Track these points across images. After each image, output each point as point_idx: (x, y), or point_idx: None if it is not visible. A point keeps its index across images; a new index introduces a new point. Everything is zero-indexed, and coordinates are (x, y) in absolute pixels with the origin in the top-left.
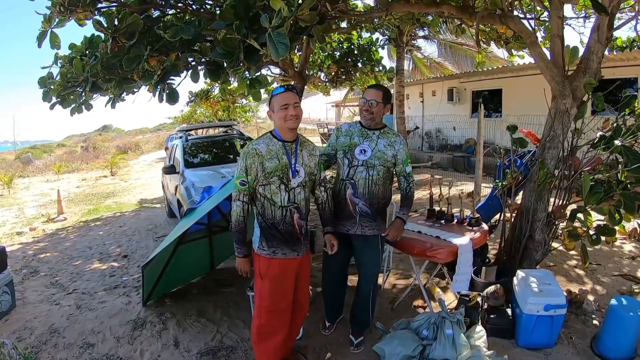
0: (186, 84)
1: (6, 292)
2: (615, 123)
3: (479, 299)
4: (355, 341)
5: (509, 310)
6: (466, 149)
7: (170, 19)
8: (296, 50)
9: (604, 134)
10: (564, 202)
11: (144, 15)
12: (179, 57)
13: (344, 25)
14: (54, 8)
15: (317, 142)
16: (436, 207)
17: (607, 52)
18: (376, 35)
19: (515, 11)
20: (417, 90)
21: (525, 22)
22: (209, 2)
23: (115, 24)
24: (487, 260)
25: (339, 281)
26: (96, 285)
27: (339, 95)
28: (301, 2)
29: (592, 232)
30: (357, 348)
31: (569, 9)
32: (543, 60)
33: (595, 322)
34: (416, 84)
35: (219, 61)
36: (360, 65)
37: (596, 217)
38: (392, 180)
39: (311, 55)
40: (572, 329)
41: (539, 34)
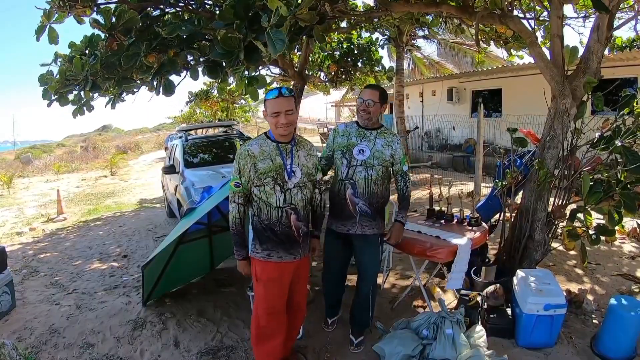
0: (186, 84)
1: (6, 292)
2: (615, 123)
3: (478, 298)
4: (355, 341)
5: (509, 310)
6: (466, 148)
7: (170, 18)
8: (296, 50)
9: (602, 134)
10: (564, 201)
11: (143, 13)
12: (177, 54)
13: (343, 25)
14: (54, 3)
15: (317, 142)
16: (436, 207)
17: (607, 52)
18: (376, 35)
19: (514, 11)
20: (417, 90)
21: (524, 21)
22: (209, 1)
23: (113, 21)
24: (487, 259)
25: (339, 280)
26: (96, 285)
27: (339, 95)
28: (300, 1)
29: (591, 232)
30: (357, 348)
31: (568, 9)
32: (543, 60)
33: (595, 322)
34: (416, 83)
35: (218, 60)
36: (360, 65)
37: (596, 217)
38: (390, 180)
39: (311, 55)
40: (571, 328)
41: (538, 33)
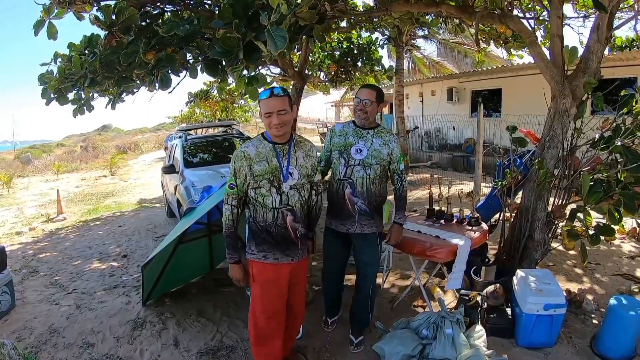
0: (186, 84)
1: (6, 292)
2: (614, 123)
3: (478, 298)
4: (355, 341)
5: (509, 310)
6: (465, 148)
7: (169, 17)
8: (296, 50)
9: (602, 133)
10: (564, 201)
11: (142, 11)
12: (176, 52)
13: (343, 24)
14: None
15: (317, 141)
16: (436, 207)
17: (606, 52)
18: (376, 34)
19: (514, 10)
20: (417, 90)
21: (524, 21)
22: (208, 1)
23: (113, 19)
24: (486, 259)
25: (338, 280)
26: (96, 285)
27: (339, 94)
28: (300, 0)
29: (591, 232)
30: (357, 347)
31: (568, 9)
32: (543, 60)
33: (594, 322)
34: (416, 83)
35: (217, 58)
36: (359, 64)
37: (595, 217)
38: (387, 178)
39: (311, 54)
40: (571, 328)
41: (538, 33)
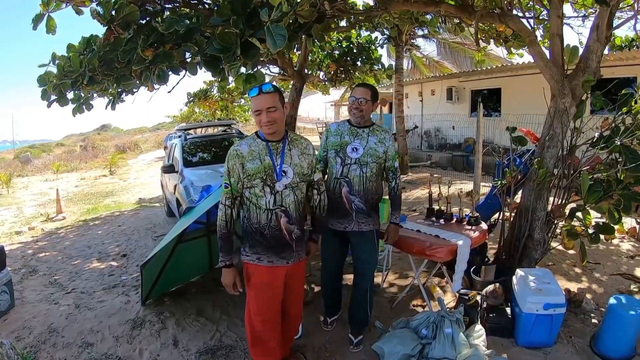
0: (185, 84)
1: (5, 292)
2: (614, 122)
3: (478, 297)
4: (355, 340)
5: (508, 309)
6: (465, 148)
7: (168, 15)
8: (295, 50)
9: (602, 133)
10: (563, 201)
11: (142, 9)
12: (174, 48)
13: (343, 24)
14: None
15: (316, 141)
16: (435, 206)
17: (606, 51)
18: (375, 34)
19: (514, 10)
20: (416, 90)
21: (524, 21)
22: (207, 0)
23: (112, 14)
24: (486, 259)
25: (337, 279)
26: (95, 285)
27: (338, 94)
28: None
29: (591, 231)
30: (356, 347)
31: (567, 8)
32: (542, 60)
33: (594, 321)
34: (415, 83)
35: (216, 54)
36: (359, 64)
37: (595, 216)
38: (382, 176)
39: (310, 54)
40: (571, 327)
41: (537, 32)
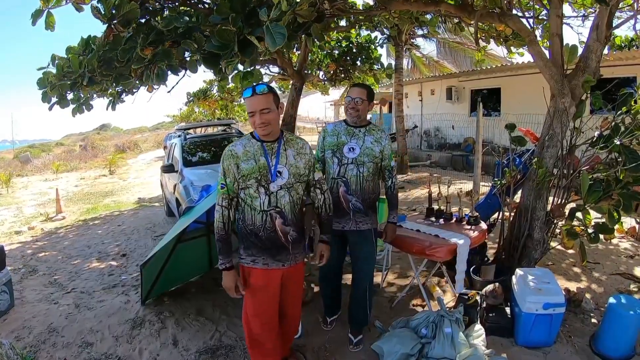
0: (184, 84)
1: (5, 292)
2: (613, 122)
3: (477, 297)
4: (354, 340)
5: (508, 309)
6: (465, 147)
7: (168, 13)
8: (295, 49)
9: (601, 132)
10: (563, 200)
11: (142, 7)
12: (173, 47)
13: (342, 23)
14: None
15: (316, 141)
16: (435, 206)
17: (606, 51)
18: (375, 33)
19: (514, 9)
20: (416, 89)
21: (523, 20)
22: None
23: (112, 12)
24: (486, 258)
25: (336, 279)
26: (95, 284)
27: (338, 93)
28: None
29: (590, 231)
30: (356, 347)
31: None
32: (542, 59)
33: (594, 321)
34: (415, 82)
35: (215, 51)
36: (359, 63)
37: (594, 216)
38: (379, 175)
39: (310, 53)
40: (570, 327)
41: (537, 32)
